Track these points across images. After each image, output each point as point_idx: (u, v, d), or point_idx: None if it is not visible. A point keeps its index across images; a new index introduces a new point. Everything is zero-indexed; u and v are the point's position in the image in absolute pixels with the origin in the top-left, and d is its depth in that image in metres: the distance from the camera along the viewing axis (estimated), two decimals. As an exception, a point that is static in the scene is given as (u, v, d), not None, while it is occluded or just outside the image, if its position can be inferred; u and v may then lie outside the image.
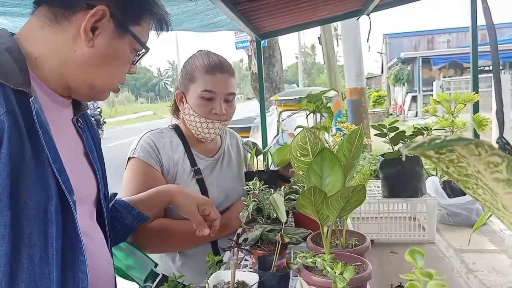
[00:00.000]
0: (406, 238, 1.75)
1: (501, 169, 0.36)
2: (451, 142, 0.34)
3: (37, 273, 0.78)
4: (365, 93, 8.98)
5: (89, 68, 0.91)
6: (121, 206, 1.26)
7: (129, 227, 1.27)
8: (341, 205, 0.82)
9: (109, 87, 0.98)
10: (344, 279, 0.69)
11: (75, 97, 0.99)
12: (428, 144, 0.35)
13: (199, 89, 1.46)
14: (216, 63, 1.49)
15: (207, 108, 1.47)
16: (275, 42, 9.39)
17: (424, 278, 0.43)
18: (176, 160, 1.49)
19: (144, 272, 1.29)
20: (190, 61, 1.51)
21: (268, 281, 0.89)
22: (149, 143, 1.47)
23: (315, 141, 0.95)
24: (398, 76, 19.66)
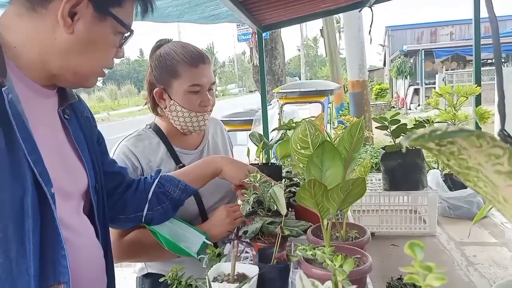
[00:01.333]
0: (407, 231, 1.75)
1: (502, 161, 0.36)
2: (452, 134, 0.34)
3: (14, 268, 0.76)
4: (367, 86, 8.97)
5: (71, 55, 0.88)
6: (167, 181, 1.27)
7: (177, 201, 1.28)
8: (341, 198, 0.82)
9: (95, 73, 0.96)
10: (344, 271, 0.69)
11: (61, 85, 0.97)
12: (429, 136, 0.34)
13: (185, 84, 1.42)
14: (196, 55, 1.45)
15: (196, 102, 1.44)
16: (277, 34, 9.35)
17: (423, 271, 0.43)
18: (158, 162, 1.45)
19: (196, 245, 1.29)
20: (167, 56, 1.44)
21: (268, 273, 0.89)
22: (124, 152, 1.43)
23: (316, 134, 0.94)
24: (400, 69, 19.57)
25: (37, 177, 0.79)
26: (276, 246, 0.92)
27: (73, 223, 0.95)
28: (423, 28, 23.90)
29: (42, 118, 0.92)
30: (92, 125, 1.14)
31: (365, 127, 1.18)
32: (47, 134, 0.92)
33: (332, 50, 11.58)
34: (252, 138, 1.63)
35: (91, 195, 1.05)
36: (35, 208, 0.79)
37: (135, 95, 45.97)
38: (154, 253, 1.39)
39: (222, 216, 1.39)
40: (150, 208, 1.24)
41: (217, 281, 0.86)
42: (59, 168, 0.93)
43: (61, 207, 0.86)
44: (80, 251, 0.94)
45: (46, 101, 0.95)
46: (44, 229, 0.81)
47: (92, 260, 1.01)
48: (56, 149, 0.94)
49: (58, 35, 0.86)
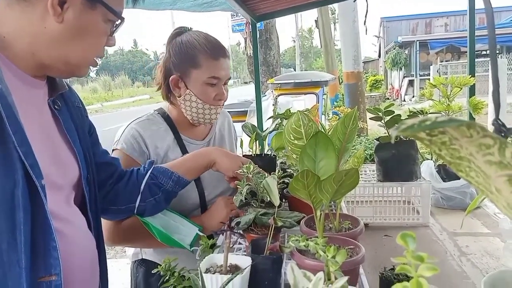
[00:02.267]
0: (400, 222, 1.76)
1: (493, 151, 0.35)
2: (441, 124, 0.33)
3: (5, 260, 0.76)
4: (362, 77, 8.96)
5: (61, 44, 0.87)
6: (160, 173, 1.26)
7: (170, 193, 1.27)
8: (334, 189, 0.81)
9: (86, 62, 0.95)
10: (337, 262, 0.68)
11: (53, 75, 0.96)
12: (418, 126, 0.34)
13: (204, 75, 1.40)
14: (219, 47, 1.43)
15: (212, 94, 1.42)
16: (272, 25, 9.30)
17: (415, 262, 0.42)
18: (165, 148, 1.44)
19: (188, 237, 1.28)
20: (188, 43, 1.42)
21: (261, 264, 0.88)
22: (133, 134, 1.41)
23: (309, 124, 0.94)
24: (395, 60, 19.57)
25: (28, 169, 0.78)
26: (269, 237, 0.92)
27: (64, 214, 0.94)
28: (418, 19, 23.87)
29: (33, 109, 0.91)
30: (83, 115, 1.13)
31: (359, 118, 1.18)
32: (37, 125, 0.91)
33: (327, 41, 11.54)
34: (245, 129, 1.62)
35: (83, 186, 1.04)
36: (26, 200, 0.78)
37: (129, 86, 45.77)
38: (150, 240, 1.39)
39: (220, 208, 1.38)
40: (143, 199, 1.23)
41: (209, 272, 0.85)
42: (50, 159, 0.92)
43: (52, 198, 0.86)
44: (72, 242, 0.94)
45: (36, 92, 0.93)
46: (35, 221, 0.81)
47: (84, 251, 1.00)
48: (46, 140, 0.93)
49: (47, 24, 0.85)
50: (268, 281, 0.91)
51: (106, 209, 1.21)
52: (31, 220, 0.80)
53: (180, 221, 1.32)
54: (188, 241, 1.27)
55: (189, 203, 1.44)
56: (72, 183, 1.01)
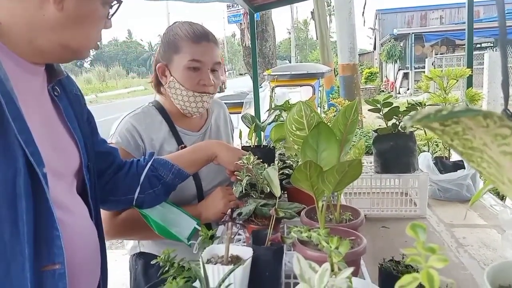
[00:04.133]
0: (398, 213, 1.76)
1: (509, 141, 0.35)
2: (458, 113, 0.33)
3: (8, 250, 0.75)
4: (357, 70, 8.94)
5: (60, 32, 0.86)
6: (160, 165, 1.25)
7: (170, 185, 1.26)
8: (337, 180, 0.81)
9: (86, 46, 0.93)
10: (340, 253, 0.68)
11: (53, 61, 0.95)
12: (434, 116, 0.33)
13: (185, 59, 1.39)
14: (201, 32, 1.42)
15: (195, 80, 1.40)
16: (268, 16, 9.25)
17: (426, 253, 0.42)
18: (160, 141, 1.43)
19: (187, 230, 1.28)
20: (172, 31, 1.43)
21: (262, 255, 0.88)
22: (128, 128, 1.40)
23: (311, 115, 0.93)
24: (390, 52, 19.57)
25: (29, 157, 0.77)
26: (270, 228, 0.92)
27: (67, 203, 0.93)
28: (413, 11, 23.85)
29: (32, 96, 0.90)
30: (82, 102, 1.12)
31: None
32: (37, 112, 0.90)
33: (323, 33, 11.48)
34: (244, 120, 1.61)
35: (84, 174, 1.03)
36: (27, 188, 0.77)
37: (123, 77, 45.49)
38: (147, 232, 1.38)
39: (218, 197, 1.38)
40: (142, 191, 1.23)
41: (210, 263, 0.85)
42: (51, 147, 0.91)
43: (53, 187, 0.85)
44: (74, 231, 0.93)
45: (35, 78, 0.92)
46: (37, 210, 0.80)
47: (87, 240, 1.00)
48: (47, 128, 0.92)
49: (46, 12, 0.83)
50: (269, 272, 0.91)
51: (106, 199, 1.21)
52: (33, 208, 0.79)
53: (178, 214, 1.32)
54: (186, 235, 1.27)
55: (185, 194, 1.44)
56: (74, 171, 1.00)
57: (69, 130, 0.99)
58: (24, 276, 0.77)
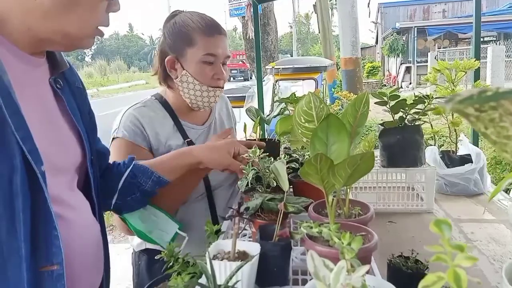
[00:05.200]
0: (404, 208, 1.73)
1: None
2: (505, 95, 0.30)
3: (5, 249, 0.73)
4: (360, 63, 8.90)
5: (55, 16, 0.82)
6: (139, 172, 1.20)
7: (148, 193, 1.21)
8: (348, 174, 0.78)
9: (86, 32, 0.88)
10: (352, 249, 0.66)
11: (53, 49, 0.91)
12: (478, 97, 0.30)
13: (200, 53, 1.34)
14: (213, 24, 1.38)
15: (209, 74, 1.37)
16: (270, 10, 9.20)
17: (453, 251, 0.39)
18: (165, 135, 1.39)
19: (168, 235, 1.24)
20: (182, 22, 1.37)
21: (270, 251, 0.86)
22: (132, 120, 1.36)
23: (321, 107, 0.90)
24: (392, 46, 19.49)
25: (26, 155, 0.75)
26: (278, 223, 0.89)
27: (67, 198, 0.91)
28: (416, 5, 23.71)
29: (32, 89, 0.87)
30: (84, 95, 1.09)
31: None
32: (37, 106, 0.87)
33: (325, 27, 11.42)
34: (248, 113, 1.58)
35: (87, 168, 1.01)
36: (24, 186, 0.75)
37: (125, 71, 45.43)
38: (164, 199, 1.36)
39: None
40: (120, 197, 1.18)
41: (217, 259, 0.82)
42: (51, 142, 0.88)
43: (53, 183, 0.82)
44: (75, 228, 0.91)
45: (36, 70, 0.89)
46: (35, 209, 0.78)
47: (88, 237, 0.97)
48: (47, 122, 0.89)
49: None
50: (277, 267, 0.88)
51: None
52: (30, 207, 0.77)
53: (160, 217, 1.28)
54: (167, 239, 1.24)
55: (194, 193, 1.41)
56: (75, 165, 0.97)
57: (72, 123, 0.97)
58: (21, 276, 0.75)
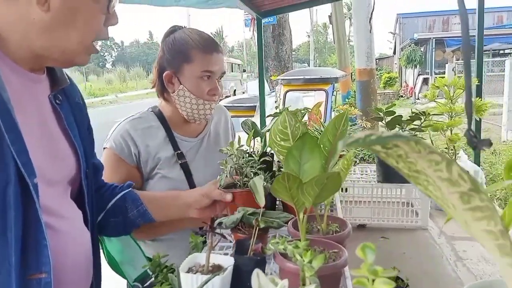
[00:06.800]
0: (399, 224, 1.73)
1: (442, 168, 0.34)
2: (386, 139, 0.32)
3: None
4: (374, 74, 8.85)
5: (54, 33, 0.86)
6: (131, 199, 1.23)
7: (131, 222, 1.23)
8: (316, 192, 0.80)
9: (83, 48, 0.91)
10: (312, 267, 0.68)
11: (50, 65, 0.96)
12: (363, 140, 0.33)
13: (197, 69, 1.41)
14: (211, 42, 1.44)
15: (205, 89, 1.43)
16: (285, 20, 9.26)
17: (370, 276, 0.42)
18: (156, 146, 1.44)
19: (137, 271, 1.26)
20: (181, 40, 1.43)
21: (244, 265, 0.88)
22: (122, 134, 1.41)
23: (296, 126, 0.93)
24: (410, 57, 19.33)
25: (20, 168, 0.78)
26: (253, 237, 0.91)
27: (58, 208, 0.94)
28: (435, 16, 23.50)
29: (31, 104, 0.91)
30: (83, 111, 1.13)
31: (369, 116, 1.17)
32: (36, 120, 0.91)
33: (340, 37, 11.41)
34: (244, 126, 1.60)
35: (81, 180, 1.04)
36: (17, 198, 0.79)
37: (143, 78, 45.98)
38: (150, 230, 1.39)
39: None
40: (105, 217, 1.21)
41: (191, 272, 0.85)
42: (46, 155, 0.92)
43: (45, 193, 0.86)
44: (65, 237, 0.94)
45: (35, 86, 0.93)
46: (26, 219, 0.81)
47: (78, 246, 1.01)
48: (44, 135, 0.93)
49: (35, 15, 0.83)
50: (250, 282, 0.91)
51: None
52: (22, 218, 0.80)
53: (135, 252, 1.30)
54: (134, 276, 1.26)
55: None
56: (69, 177, 1.01)
57: (69, 138, 1.00)
58: (10, 283, 0.78)
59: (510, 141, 7.61)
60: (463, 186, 0.34)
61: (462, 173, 0.34)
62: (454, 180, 0.34)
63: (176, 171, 1.45)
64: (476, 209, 0.35)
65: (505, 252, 0.36)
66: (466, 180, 0.34)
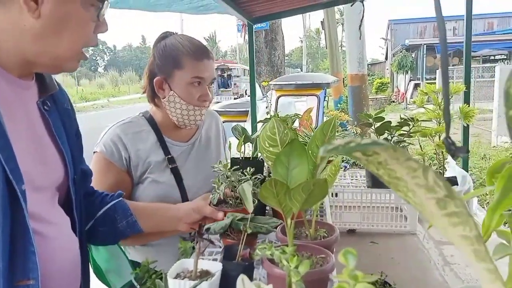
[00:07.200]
0: (388, 229, 1.75)
1: (419, 174, 0.35)
2: (364, 146, 0.33)
3: None
4: (366, 80, 8.93)
5: (45, 39, 0.86)
6: (121, 209, 1.23)
7: (120, 232, 1.23)
8: (303, 198, 0.81)
9: (74, 54, 0.92)
10: (298, 273, 0.68)
11: (40, 71, 0.96)
12: (343, 147, 0.34)
13: (188, 75, 1.41)
14: (202, 49, 1.45)
15: (196, 95, 1.44)
16: (277, 25, 9.30)
17: (351, 281, 0.42)
18: (147, 151, 1.44)
19: (122, 280, 1.26)
20: (172, 46, 1.44)
21: (232, 271, 0.88)
22: (112, 138, 1.41)
23: (285, 132, 0.94)
24: (401, 63, 19.50)
25: (8, 174, 0.78)
26: (241, 243, 0.92)
27: (46, 215, 0.95)
28: (426, 22, 23.75)
29: (19, 110, 0.91)
30: (72, 117, 1.13)
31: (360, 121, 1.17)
32: (24, 126, 0.91)
33: (332, 43, 11.48)
34: (234, 131, 1.61)
35: (69, 186, 1.04)
36: (5, 204, 0.79)
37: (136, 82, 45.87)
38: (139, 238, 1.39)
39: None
40: (93, 226, 1.21)
41: (179, 278, 0.85)
42: (34, 161, 0.92)
43: (33, 199, 0.86)
44: (53, 244, 0.94)
45: (24, 92, 0.93)
46: (14, 226, 0.81)
47: (66, 252, 1.01)
48: (33, 141, 0.93)
49: (26, 22, 0.84)
50: (238, 287, 0.91)
51: None
52: (10, 224, 0.80)
53: (122, 261, 1.31)
54: (119, 285, 1.26)
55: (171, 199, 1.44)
56: (57, 184, 1.01)
57: (57, 144, 1.00)
58: None
59: (500, 146, 7.69)
60: (439, 192, 0.35)
61: (437, 179, 0.34)
62: (431, 187, 0.35)
63: (166, 176, 1.45)
64: (452, 215, 0.36)
65: (481, 257, 0.37)
66: (441, 187, 0.35)
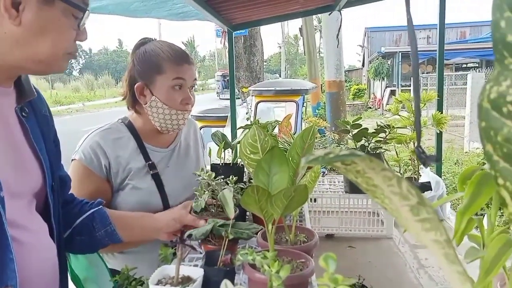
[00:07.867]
0: (365, 233, 1.79)
1: (393, 183, 0.37)
2: (343, 157, 0.35)
3: None
4: (343, 86, 9.05)
5: (24, 46, 0.86)
6: (99, 217, 1.22)
7: (98, 241, 1.22)
8: (284, 204, 0.83)
9: (58, 57, 0.92)
10: (279, 277, 0.70)
11: (29, 74, 0.96)
12: (323, 158, 0.36)
13: (169, 79, 1.42)
14: (182, 53, 1.46)
15: (178, 99, 1.44)
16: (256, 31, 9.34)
17: (331, 284, 0.44)
18: (126, 157, 1.43)
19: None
20: (152, 52, 1.44)
21: (213, 276, 0.89)
22: (92, 145, 1.40)
23: (265, 139, 0.96)
24: (378, 70, 19.88)
25: None
26: (222, 249, 0.93)
27: (24, 221, 0.94)
28: (401, 31, 24.23)
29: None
30: (50, 123, 1.12)
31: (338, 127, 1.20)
32: (1, 133, 0.91)
33: (310, 50, 11.63)
34: (214, 137, 1.62)
35: (47, 193, 1.04)
36: None
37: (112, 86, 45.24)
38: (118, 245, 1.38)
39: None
40: (71, 234, 1.20)
41: (161, 284, 0.86)
42: (12, 167, 0.91)
43: (11, 206, 0.85)
44: (30, 250, 0.93)
45: (2, 99, 0.93)
46: None
47: (44, 259, 1.00)
48: (10, 148, 0.93)
49: (6, 29, 0.84)
50: (220, 292, 0.92)
51: None
52: None
53: (101, 270, 1.30)
54: None
55: (152, 211, 1.44)
56: (34, 190, 1.00)
57: (35, 151, 1.00)
58: None
59: (472, 151, 7.90)
60: (412, 199, 0.38)
61: (410, 188, 0.37)
62: (404, 195, 0.37)
63: (147, 182, 1.45)
64: (424, 221, 0.39)
65: (451, 260, 0.40)
66: (414, 195, 0.37)
